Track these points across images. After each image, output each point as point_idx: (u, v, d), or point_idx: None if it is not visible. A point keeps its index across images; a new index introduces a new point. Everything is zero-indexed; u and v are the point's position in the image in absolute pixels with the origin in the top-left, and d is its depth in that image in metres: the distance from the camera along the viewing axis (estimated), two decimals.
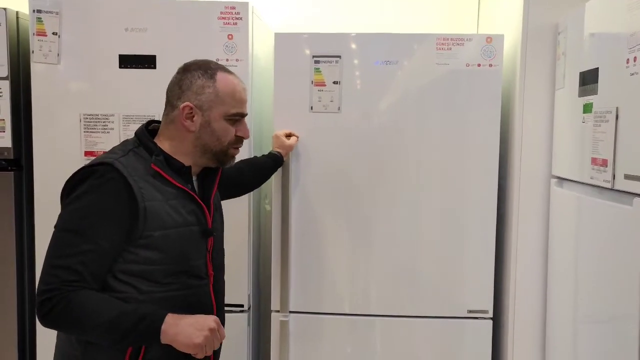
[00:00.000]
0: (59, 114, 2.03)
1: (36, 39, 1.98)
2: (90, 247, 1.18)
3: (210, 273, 1.39)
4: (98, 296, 1.19)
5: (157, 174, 1.28)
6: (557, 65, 1.84)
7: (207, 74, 1.33)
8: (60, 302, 1.15)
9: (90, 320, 1.16)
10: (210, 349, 1.20)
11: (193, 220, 1.33)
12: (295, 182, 2.02)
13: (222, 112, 1.34)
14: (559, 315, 1.82)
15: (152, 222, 1.24)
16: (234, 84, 1.36)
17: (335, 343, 2.05)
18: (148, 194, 1.25)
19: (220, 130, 1.35)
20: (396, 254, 2.02)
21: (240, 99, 1.37)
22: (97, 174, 1.22)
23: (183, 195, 1.32)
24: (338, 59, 1.97)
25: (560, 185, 1.82)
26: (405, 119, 1.99)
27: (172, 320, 1.18)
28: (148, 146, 1.32)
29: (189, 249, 1.32)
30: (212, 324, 1.20)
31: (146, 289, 1.26)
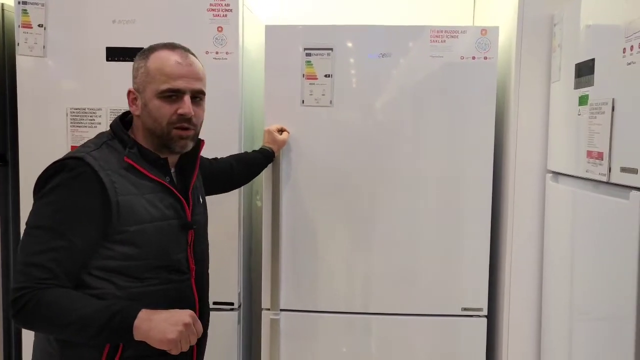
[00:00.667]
0: (45, 108, 1.99)
1: (22, 31, 1.94)
2: (62, 244, 1.15)
3: (191, 267, 1.35)
4: (70, 294, 1.15)
5: (131, 167, 1.25)
6: (553, 58, 1.81)
7: (144, 54, 1.30)
8: (32, 301, 1.12)
9: (62, 319, 1.13)
10: (185, 344, 1.14)
11: (171, 214, 1.29)
12: (286, 177, 1.98)
13: (154, 90, 1.26)
14: (554, 312, 1.79)
15: (127, 216, 1.21)
16: (164, 58, 1.27)
17: (327, 341, 2.02)
18: (122, 188, 1.21)
19: (155, 110, 1.26)
20: (389, 250, 1.98)
21: (171, 74, 1.26)
22: (67, 168, 1.18)
23: (160, 189, 1.28)
24: (330, 52, 1.93)
25: (556, 180, 1.79)
26: (398, 113, 1.95)
27: (145, 315, 1.14)
28: (122, 138, 1.28)
29: (168, 244, 1.28)
30: (186, 319, 1.15)
31: (124, 284, 1.22)
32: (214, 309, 1.99)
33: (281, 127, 1.95)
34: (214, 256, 1.99)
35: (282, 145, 1.94)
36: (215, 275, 2.00)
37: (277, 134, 1.92)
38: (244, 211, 2.12)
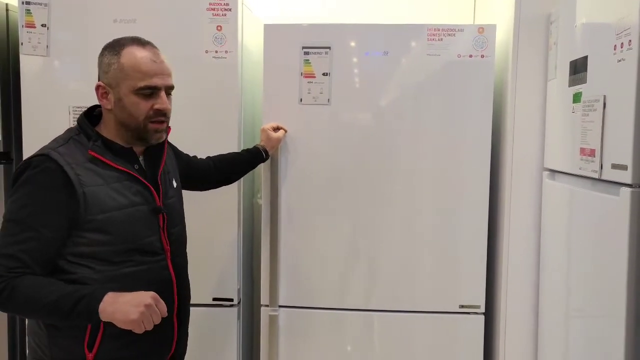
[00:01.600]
0: (49, 106, 2.02)
1: (25, 31, 1.98)
2: (30, 235, 1.23)
3: (166, 248, 1.41)
4: (41, 280, 1.23)
5: (96, 159, 1.31)
6: (549, 56, 1.81)
7: (114, 50, 1.34)
8: (6, 289, 1.20)
9: (33, 304, 1.21)
10: (148, 324, 1.21)
11: (139, 200, 1.36)
12: (284, 175, 2.00)
13: (130, 87, 1.32)
14: (550, 309, 1.79)
15: (94, 206, 1.27)
16: (138, 57, 1.32)
17: (325, 338, 2.03)
18: (87, 180, 1.28)
19: (131, 106, 1.33)
20: (387, 248, 1.99)
21: (148, 71, 1.32)
22: (32, 165, 1.26)
23: (126, 177, 1.35)
24: (328, 50, 1.95)
25: (552, 178, 1.79)
26: (396, 111, 1.96)
27: (110, 299, 1.21)
28: (87, 132, 1.34)
29: (138, 228, 1.35)
30: (147, 300, 1.21)
31: (100, 268, 1.29)
32: (214, 305, 2.04)
33: (277, 125, 1.96)
34: (214, 253, 2.04)
35: (276, 143, 1.95)
36: (216, 271, 2.04)
37: (272, 132, 1.94)
38: (245, 209, 2.14)
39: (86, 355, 1.29)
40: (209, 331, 2.06)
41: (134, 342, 1.31)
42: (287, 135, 1.98)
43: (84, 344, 1.29)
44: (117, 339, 1.30)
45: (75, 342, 1.29)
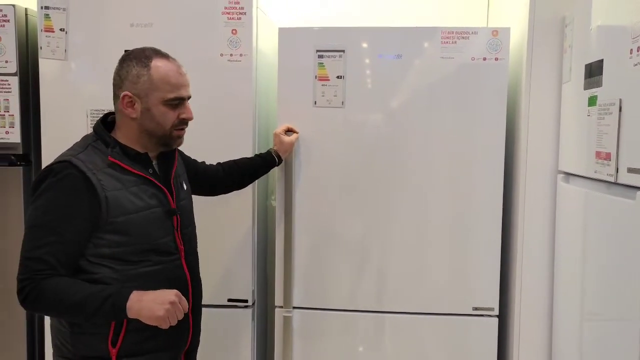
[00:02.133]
0: (67, 109, 2.05)
1: (44, 35, 2.01)
2: (55, 239, 1.28)
3: (180, 248, 1.47)
4: (67, 281, 1.28)
5: (115, 164, 1.36)
6: (564, 59, 1.81)
7: (142, 62, 1.39)
8: (34, 290, 1.26)
9: (61, 304, 1.27)
10: (173, 319, 1.29)
11: (155, 202, 1.41)
12: (298, 177, 2.02)
13: (159, 98, 1.39)
14: (565, 312, 1.79)
15: (115, 209, 1.33)
16: (167, 69, 1.40)
17: (339, 339, 2.04)
18: (108, 185, 1.33)
19: (160, 116, 1.40)
20: (400, 250, 2.00)
21: (176, 84, 1.41)
22: (54, 172, 1.31)
23: (143, 181, 1.40)
24: (342, 54, 1.96)
25: (567, 181, 1.79)
26: (409, 113, 1.97)
27: (135, 297, 1.28)
28: (104, 139, 1.39)
29: (154, 229, 1.41)
30: (172, 298, 1.28)
31: (119, 267, 1.35)
32: (229, 306, 2.06)
33: (288, 127, 1.98)
34: (229, 255, 2.06)
35: (289, 147, 1.97)
36: (230, 273, 2.06)
37: (284, 136, 1.96)
38: (260, 211, 2.16)
39: (110, 350, 1.34)
40: (224, 332, 2.08)
41: (154, 336, 1.37)
42: (301, 138, 2.00)
43: (107, 340, 1.34)
44: (138, 333, 1.36)
45: (98, 338, 1.35)
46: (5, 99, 2.07)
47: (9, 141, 2.09)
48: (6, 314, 2.14)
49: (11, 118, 2.08)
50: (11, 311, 2.13)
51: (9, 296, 2.11)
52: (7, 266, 2.12)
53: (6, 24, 2.04)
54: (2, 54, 2.05)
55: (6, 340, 2.15)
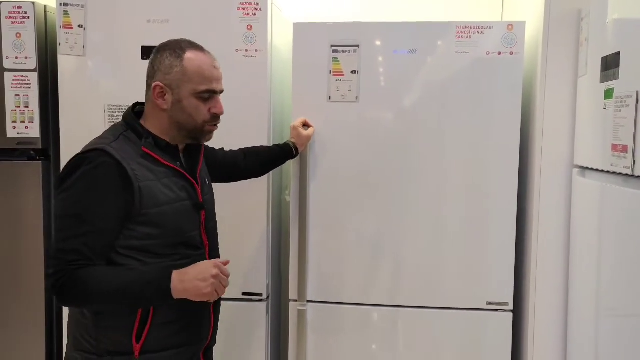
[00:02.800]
0: (85, 104, 2.08)
1: (63, 32, 2.04)
2: (89, 229, 1.25)
3: (205, 243, 1.46)
4: (103, 269, 1.27)
5: (148, 155, 1.35)
6: (580, 52, 1.80)
7: (175, 53, 1.37)
8: (68, 282, 1.23)
9: (100, 293, 1.25)
10: (221, 291, 1.31)
11: (184, 195, 1.40)
12: (313, 172, 2.03)
13: (191, 90, 1.37)
14: (580, 307, 1.78)
15: (148, 200, 1.31)
16: (201, 61, 1.38)
17: (352, 332, 2.05)
18: (141, 175, 1.31)
19: (190, 108, 1.38)
20: (414, 244, 2.00)
21: (208, 76, 1.39)
22: (89, 159, 1.27)
23: (173, 173, 1.39)
24: (356, 49, 1.97)
25: (583, 175, 1.78)
26: (424, 108, 1.97)
27: (177, 277, 1.27)
28: (136, 129, 1.38)
29: (184, 222, 1.39)
30: (213, 271, 1.29)
31: (148, 260, 1.33)
32: (243, 300, 2.08)
33: (305, 121, 1.99)
34: (244, 249, 2.07)
35: (306, 141, 1.98)
36: (245, 266, 2.08)
37: (302, 129, 1.97)
38: (274, 206, 2.17)
39: (133, 345, 1.32)
40: (238, 325, 2.10)
41: (178, 332, 1.37)
42: (315, 133, 2.01)
43: (132, 334, 1.32)
44: (163, 328, 1.35)
45: (123, 333, 1.32)
46: (25, 94, 2.10)
47: (29, 136, 2.12)
48: (24, 307, 2.17)
49: (31, 113, 2.11)
50: (29, 304, 2.17)
51: (27, 289, 2.16)
52: (26, 260, 2.16)
53: (26, 20, 2.07)
54: (22, 50, 2.09)
55: (25, 333, 2.18)
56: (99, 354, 1.33)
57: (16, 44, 2.08)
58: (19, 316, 2.17)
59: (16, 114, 2.11)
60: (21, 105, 2.11)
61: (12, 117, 2.11)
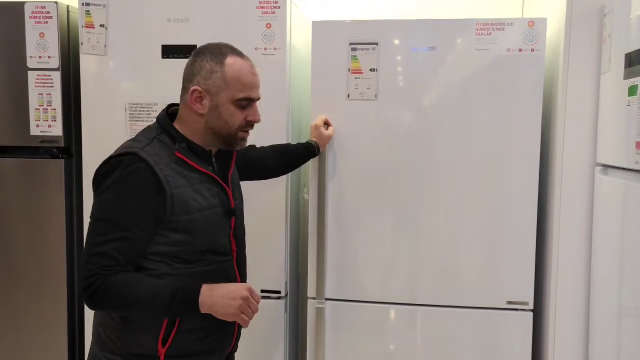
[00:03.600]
0: (106, 103, 2.11)
1: (85, 31, 2.07)
2: (123, 234, 1.25)
3: (233, 249, 1.44)
4: (135, 276, 1.27)
5: (181, 160, 1.33)
6: (603, 49, 1.77)
7: (217, 58, 1.35)
8: (102, 286, 1.23)
9: (130, 300, 1.25)
10: (248, 314, 1.29)
11: (217, 202, 1.38)
12: (332, 170, 2.03)
13: (230, 97, 1.35)
14: (603, 307, 1.76)
15: (179, 207, 1.29)
16: (241, 68, 1.36)
17: (371, 331, 2.05)
18: (174, 181, 1.29)
19: (227, 114, 1.36)
20: (434, 242, 1.99)
21: (248, 84, 1.37)
22: (124, 164, 1.27)
23: (206, 179, 1.37)
24: (375, 46, 1.96)
25: (605, 173, 1.76)
26: (443, 106, 1.96)
27: (206, 291, 1.26)
28: (170, 133, 1.36)
29: (214, 230, 1.38)
30: (243, 293, 1.28)
31: (176, 266, 1.32)
32: (262, 297, 2.07)
33: (326, 119, 1.99)
34: (262, 247, 2.08)
35: (327, 141, 1.98)
36: (263, 264, 2.09)
37: (324, 129, 1.97)
38: (292, 204, 2.18)
39: (159, 349, 1.32)
40: (257, 322, 2.06)
41: (203, 338, 1.37)
42: (334, 131, 2.00)
43: (158, 338, 1.31)
44: (188, 334, 1.34)
45: (150, 336, 1.32)
46: (48, 93, 2.14)
47: (52, 134, 2.16)
48: (47, 304, 2.20)
49: (53, 112, 2.15)
50: (52, 301, 2.20)
51: (50, 286, 2.19)
52: (48, 256, 2.19)
53: (49, 20, 2.11)
54: (45, 49, 2.12)
55: (47, 330, 2.22)
56: (123, 355, 1.33)
57: (40, 44, 2.12)
58: (41, 313, 2.21)
59: (39, 113, 2.14)
60: (44, 104, 2.14)
61: (36, 116, 2.15)
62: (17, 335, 2.22)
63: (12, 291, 2.20)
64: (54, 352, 2.22)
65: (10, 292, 2.20)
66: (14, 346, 2.22)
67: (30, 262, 2.20)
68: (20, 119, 2.15)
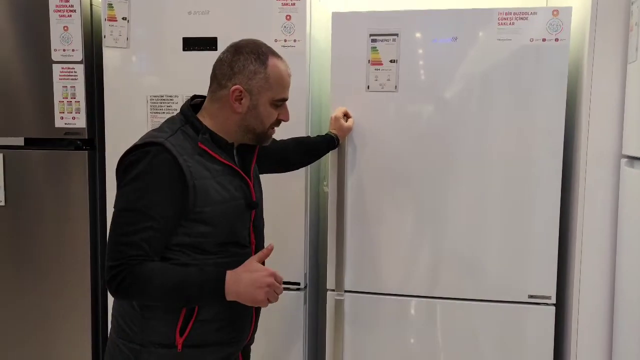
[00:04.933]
0: (128, 95, 2.14)
1: (107, 24, 2.10)
2: (149, 224, 1.26)
3: (252, 241, 1.45)
4: (161, 265, 1.28)
5: (204, 152, 1.34)
6: (630, 37, 1.73)
7: (260, 59, 1.36)
8: (129, 276, 1.24)
9: (157, 289, 1.26)
10: (273, 299, 1.32)
11: (239, 194, 1.39)
12: (351, 162, 2.02)
13: (270, 98, 1.38)
14: (628, 303, 1.72)
15: (202, 199, 1.30)
16: (282, 70, 1.39)
17: (391, 323, 2.04)
18: (197, 172, 1.30)
19: (265, 114, 1.39)
20: (455, 235, 1.98)
21: (286, 85, 1.41)
22: (151, 154, 1.27)
23: (229, 171, 1.38)
24: (395, 37, 1.95)
25: (631, 165, 1.72)
26: (465, 98, 1.94)
27: (232, 279, 1.28)
28: (194, 124, 1.36)
29: (236, 222, 1.39)
30: (268, 280, 1.30)
31: (197, 257, 1.33)
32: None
33: (346, 111, 1.98)
34: (282, 238, 2.09)
35: (347, 133, 1.98)
36: (283, 256, 2.08)
37: (343, 121, 1.96)
38: (312, 196, 2.18)
39: (177, 339, 1.33)
40: (276, 313, 2.11)
41: (220, 329, 1.38)
42: (354, 123, 2.00)
43: (176, 328, 1.33)
44: (206, 324, 1.36)
45: (168, 325, 1.33)
46: (72, 86, 2.17)
47: (75, 126, 2.19)
48: (71, 295, 2.24)
49: (77, 104, 2.18)
50: (76, 292, 2.24)
51: (74, 276, 2.23)
52: (72, 246, 2.23)
53: (72, 14, 2.14)
54: (69, 43, 2.15)
55: (71, 321, 2.26)
56: (142, 343, 1.34)
57: (63, 37, 2.15)
58: (65, 303, 2.25)
59: (64, 105, 2.18)
60: (68, 97, 2.18)
61: (60, 108, 2.18)
62: (41, 325, 2.27)
63: (37, 281, 2.25)
64: (78, 341, 2.26)
65: (35, 281, 2.25)
66: (39, 335, 2.27)
67: (54, 252, 2.24)
68: (46, 112, 2.19)
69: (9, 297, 2.27)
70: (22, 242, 2.25)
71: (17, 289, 2.26)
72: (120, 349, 1.37)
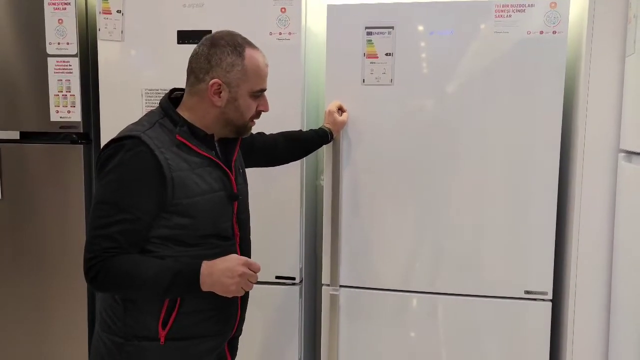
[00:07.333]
0: (123, 89, 2.13)
1: (102, 17, 2.09)
2: (125, 217, 1.26)
3: (236, 234, 1.44)
4: (136, 258, 1.28)
5: (182, 144, 1.34)
6: (628, 30, 1.71)
7: (236, 51, 1.35)
8: (104, 268, 1.25)
9: (132, 281, 1.26)
10: (247, 287, 1.32)
11: (219, 186, 1.38)
12: (346, 156, 2.01)
13: (248, 89, 1.38)
14: (624, 299, 1.71)
15: (180, 191, 1.30)
16: (259, 60, 1.39)
17: (387, 319, 2.03)
18: (175, 165, 1.30)
19: (244, 106, 1.39)
20: (452, 231, 1.96)
21: (264, 75, 1.41)
22: (126, 147, 1.27)
23: (208, 163, 1.37)
24: (391, 30, 1.93)
25: (629, 160, 1.70)
26: (461, 91, 1.92)
27: (206, 270, 1.28)
28: (172, 117, 1.36)
29: (217, 214, 1.38)
30: (240, 270, 1.29)
31: (178, 249, 1.33)
32: (277, 283, 2.09)
33: (340, 105, 1.96)
34: (277, 233, 2.08)
35: (341, 127, 1.96)
36: (279, 250, 2.09)
37: (337, 114, 1.95)
38: (309, 191, 2.17)
39: (159, 331, 1.33)
40: (271, 308, 2.11)
41: (204, 321, 1.38)
42: (349, 116, 1.98)
43: (158, 320, 1.33)
44: (189, 316, 1.35)
45: (150, 318, 1.33)
46: (66, 79, 2.16)
47: (71, 120, 2.18)
48: (67, 289, 2.24)
49: (72, 98, 2.17)
50: (72, 286, 2.24)
51: (70, 271, 2.23)
52: (69, 240, 2.23)
53: (67, 7, 2.13)
54: (64, 36, 2.14)
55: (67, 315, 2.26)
56: (125, 337, 1.34)
57: (58, 30, 2.14)
58: (62, 295, 2.25)
59: (59, 99, 2.17)
60: (63, 90, 2.17)
61: (55, 102, 2.18)
62: (38, 317, 2.27)
63: (33, 274, 2.25)
64: (75, 333, 2.26)
65: (31, 274, 2.25)
66: (36, 328, 2.28)
67: (50, 245, 2.24)
68: (41, 105, 2.18)
69: (6, 289, 2.27)
70: (18, 235, 2.25)
71: (13, 282, 2.26)
72: (104, 342, 1.36)
